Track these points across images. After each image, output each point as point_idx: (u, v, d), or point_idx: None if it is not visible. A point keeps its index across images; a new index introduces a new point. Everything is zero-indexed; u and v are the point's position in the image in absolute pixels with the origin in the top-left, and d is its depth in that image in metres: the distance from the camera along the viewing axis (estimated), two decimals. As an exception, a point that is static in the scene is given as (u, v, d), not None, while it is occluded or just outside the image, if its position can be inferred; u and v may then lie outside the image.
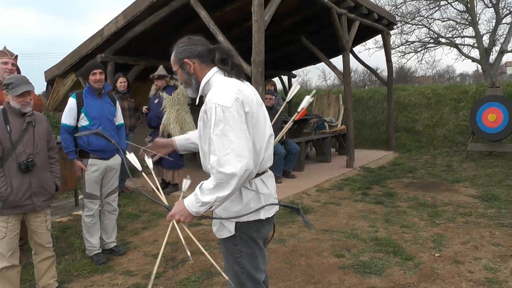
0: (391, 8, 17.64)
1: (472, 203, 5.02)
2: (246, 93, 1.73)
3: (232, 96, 1.64)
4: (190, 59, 1.77)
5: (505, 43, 16.26)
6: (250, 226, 1.76)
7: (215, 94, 1.67)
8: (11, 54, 3.41)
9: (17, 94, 2.58)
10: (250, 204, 1.75)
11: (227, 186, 1.57)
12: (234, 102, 1.62)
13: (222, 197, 1.59)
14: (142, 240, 4.01)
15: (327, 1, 6.43)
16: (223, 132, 1.58)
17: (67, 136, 3.40)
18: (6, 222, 2.62)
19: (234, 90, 1.67)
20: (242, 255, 1.79)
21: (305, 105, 2.36)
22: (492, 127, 8.14)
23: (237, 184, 1.57)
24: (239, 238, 1.77)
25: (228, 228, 1.77)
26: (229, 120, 1.59)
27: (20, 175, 2.62)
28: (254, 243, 1.79)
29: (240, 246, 1.78)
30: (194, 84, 1.81)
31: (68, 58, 7.06)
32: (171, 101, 5.44)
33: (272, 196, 1.85)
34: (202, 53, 1.79)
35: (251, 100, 1.73)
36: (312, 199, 5.44)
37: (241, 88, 1.72)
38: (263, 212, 1.78)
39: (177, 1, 5.74)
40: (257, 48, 5.12)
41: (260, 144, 1.75)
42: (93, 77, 3.43)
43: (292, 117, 2.41)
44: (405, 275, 3.08)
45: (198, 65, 1.78)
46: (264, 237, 1.86)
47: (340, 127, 9.23)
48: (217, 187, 1.58)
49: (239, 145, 1.57)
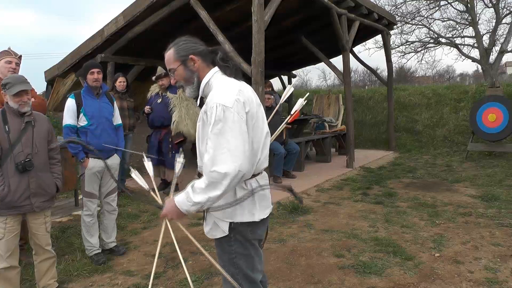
0: (391, 8, 17.64)
1: (472, 203, 5.02)
2: (247, 94, 1.73)
3: (233, 96, 1.64)
4: (195, 56, 1.77)
5: (505, 43, 16.25)
6: (244, 227, 1.75)
7: (216, 94, 1.67)
8: (15, 54, 3.42)
9: (13, 94, 2.58)
10: (243, 204, 1.74)
11: (219, 186, 1.56)
12: (235, 103, 1.62)
13: (213, 197, 1.58)
14: (142, 240, 4.00)
15: (327, 1, 6.43)
16: (221, 131, 1.58)
17: (73, 136, 3.38)
18: (4, 223, 2.61)
19: (236, 91, 1.68)
20: (237, 256, 1.78)
21: (298, 108, 2.37)
22: (492, 127, 8.14)
23: (229, 184, 1.56)
24: (233, 239, 1.76)
25: (221, 228, 1.76)
26: (228, 120, 1.59)
27: (18, 175, 2.61)
28: (249, 244, 1.78)
29: (235, 246, 1.77)
30: (196, 82, 1.79)
31: (68, 58, 7.07)
32: (178, 100, 5.44)
33: (266, 196, 1.84)
34: (204, 52, 1.79)
35: (251, 100, 1.74)
36: (312, 199, 5.43)
37: (242, 89, 1.72)
38: (257, 213, 1.77)
39: (177, 1, 5.74)
40: (257, 48, 5.12)
41: (257, 144, 1.75)
42: (91, 76, 3.43)
43: (285, 119, 2.41)
44: (405, 275, 3.08)
45: (201, 63, 1.78)
46: (259, 238, 1.85)
47: (340, 127, 9.23)
48: (209, 187, 1.58)
49: (235, 146, 1.57)
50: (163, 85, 5.58)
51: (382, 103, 11.85)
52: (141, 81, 7.54)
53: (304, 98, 2.40)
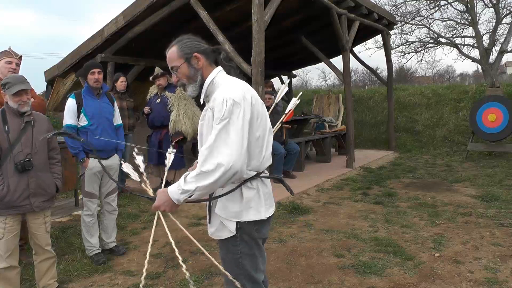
0: (391, 8, 17.64)
1: (472, 203, 5.02)
2: (253, 92, 1.77)
3: (241, 94, 1.66)
4: (200, 54, 1.76)
5: (505, 43, 16.25)
6: (251, 225, 1.76)
7: (225, 90, 1.67)
8: (16, 54, 3.42)
9: (12, 93, 2.59)
10: (250, 203, 1.74)
11: (209, 177, 1.55)
12: (243, 100, 1.64)
13: (202, 186, 1.57)
14: (142, 240, 4.00)
15: (327, 1, 6.43)
16: (225, 125, 1.58)
17: (76, 144, 3.36)
18: (4, 223, 2.61)
19: (244, 89, 1.71)
20: (243, 256, 1.78)
21: (292, 107, 2.39)
22: (492, 127, 8.14)
23: (220, 176, 1.55)
24: (239, 239, 1.76)
25: (228, 228, 1.76)
26: (234, 115, 1.60)
27: (17, 175, 2.61)
28: (254, 243, 1.79)
29: (240, 246, 1.77)
30: (199, 80, 1.78)
31: (68, 58, 7.06)
32: (177, 98, 5.45)
33: (271, 195, 1.86)
34: (207, 51, 1.80)
35: (257, 99, 1.77)
36: (312, 199, 5.43)
37: (249, 88, 1.76)
38: (264, 211, 1.77)
39: (177, 1, 5.73)
40: (257, 48, 5.12)
41: (262, 142, 1.76)
42: (92, 76, 3.43)
43: (280, 119, 2.43)
44: (405, 275, 3.08)
45: (204, 61, 1.78)
46: (264, 237, 1.86)
47: (340, 127, 9.23)
48: (200, 175, 1.57)
49: (234, 142, 1.57)
50: (160, 85, 5.62)
51: (382, 103, 11.85)
52: (141, 81, 7.54)
53: (298, 97, 2.42)
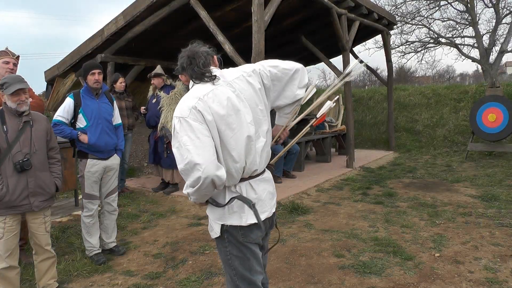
0: (391, 8, 17.63)
1: (472, 203, 5.02)
2: (212, 99, 1.67)
3: (189, 104, 1.65)
4: (180, 75, 1.94)
5: (505, 43, 16.24)
6: (236, 230, 1.76)
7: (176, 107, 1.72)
8: (13, 54, 3.41)
9: (10, 93, 2.59)
10: (233, 207, 1.74)
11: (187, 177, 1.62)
12: (190, 111, 1.63)
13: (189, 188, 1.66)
14: (142, 240, 4.00)
15: (327, 1, 6.43)
16: (180, 144, 1.60)
17: (61, 127, 3.32)
18: (4, 222, 2.62)
19: (195, 100, 1.66)
20: (232, 257, 1.78)
21: (325, 111, 2.22)
22: (492, 127, 8.14)
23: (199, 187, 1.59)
24: (227, 240, 1.78)
25: (214, 230, 1.79)
26: (186, 129, 1.61)
27: (16, 175, 2.61)
28: (243, 246, 1.77)
29: (229, 248, 1.78)
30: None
31: (68, 58, 7.07)
32: (168, 100, 5.45)
33: (261, 199, 1.80)
34: (183, 66, 1.79)
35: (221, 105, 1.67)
36: (312, 199, 5.43)
37: (205, 96, 1.67)
38: (248, 217, 1.74)
39: (177, 1, 5.73)
40: (257, 48, 5.11)
41: (238, 151, 1.69)
42: (92, 77, 3.42)
43: (310, 123, 2.30)
44: (405, 275, 3.08)
45: (184, 77, 1.90)
46: (254, 241, 1.80)
47: (340, 127, 9.23)
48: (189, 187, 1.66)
49: (197, 154, 1.56)
50: (153, 84, 5.65)
51: (382, 103, 11.85)
52: (141, 81, 7.55)
53: (333, 101, 2.16)
